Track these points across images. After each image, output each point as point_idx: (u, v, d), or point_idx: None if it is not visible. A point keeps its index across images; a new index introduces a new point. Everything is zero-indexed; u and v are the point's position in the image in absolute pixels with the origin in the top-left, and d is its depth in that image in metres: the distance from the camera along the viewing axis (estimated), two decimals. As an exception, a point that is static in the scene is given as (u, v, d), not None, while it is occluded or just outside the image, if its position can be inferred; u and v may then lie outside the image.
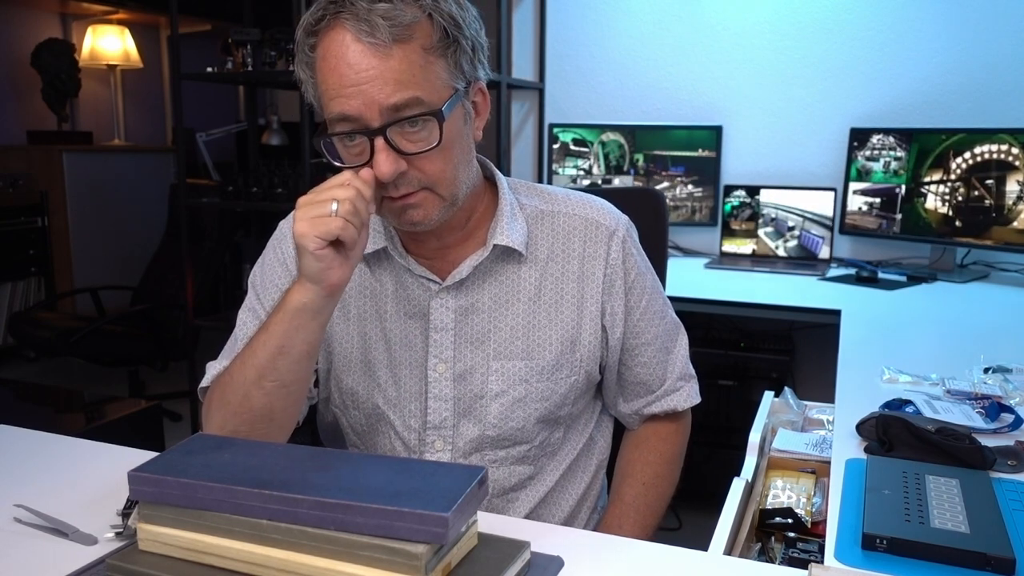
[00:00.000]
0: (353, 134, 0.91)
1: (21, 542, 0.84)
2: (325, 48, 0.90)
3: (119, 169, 4.69)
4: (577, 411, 1.13)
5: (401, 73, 0.88)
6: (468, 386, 1.05)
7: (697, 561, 0.82)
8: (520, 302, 1.05)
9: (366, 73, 0.87)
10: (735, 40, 2.89)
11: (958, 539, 0.79)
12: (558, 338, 1.06)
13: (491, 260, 1.05)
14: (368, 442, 1.12)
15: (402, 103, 0.88)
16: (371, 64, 0.87)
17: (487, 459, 1.07)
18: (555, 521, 1.12)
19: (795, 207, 2.76)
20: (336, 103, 0.89)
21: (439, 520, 0.66)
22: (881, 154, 2.64)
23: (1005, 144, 2.38)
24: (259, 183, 2.85)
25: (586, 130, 2.94)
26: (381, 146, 0.89)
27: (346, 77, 0.88)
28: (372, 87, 0.87)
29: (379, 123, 0.89)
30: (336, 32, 0.88)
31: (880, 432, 1.06)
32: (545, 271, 1.06)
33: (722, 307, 2.25)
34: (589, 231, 1.08)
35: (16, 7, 4.63)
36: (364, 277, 1.08)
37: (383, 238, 1.05)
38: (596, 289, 1.07)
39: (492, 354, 1.05)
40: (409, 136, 0.90)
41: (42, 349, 3.83)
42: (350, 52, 0.87)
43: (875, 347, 1.66)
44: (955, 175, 2.49)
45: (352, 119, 0.90)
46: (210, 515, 0.73)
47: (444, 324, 1.05)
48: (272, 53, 2.82)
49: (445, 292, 1.04)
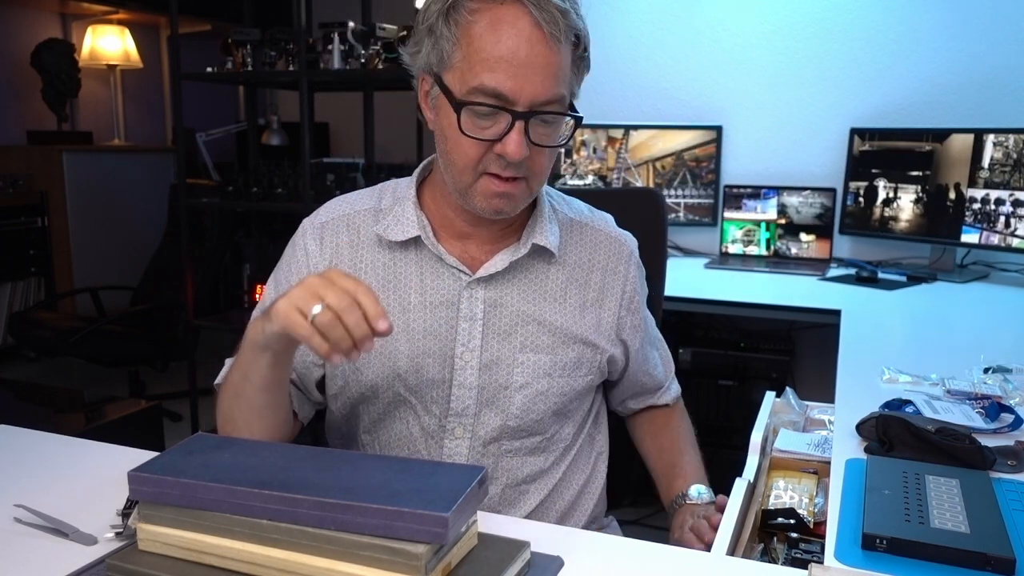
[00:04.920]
0: (498, 110, 0.93)
1: (21, 542, 0.84)
2: (497, 17, 0.91)
3: (119, 169, 4.69)
4: (584, 407, 1.17)
5: (561, 70, 0.94)
6: (493, 376, 1.07)
7: (697, 561, 0.82)
8: (546, 300, 1.09)
9: (536, 59, 0.91)
10: (735, 40, 2.89)
11: (958, 539, 0.79)
12: (580, 338, 1.10)
13: (525, 257, 1.08)
14: (382, 429, 1.11)
15: (552, 98, 0.94)
16: (541, 52, 0.91)
17: (503, 449, 1.09)
18: (559, 512, 1.14)
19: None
20: (492, 77, 0.91)
21: (439, 520, 0.66)
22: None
23: (1006, 144, 2.38)
24: (259, 183, 2.85)
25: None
26: (519, 128, 0.93)
27: (516, 55, 0.91)
28: (536, 74, 0.92)
29: (526, 108, 0.93)
30: (513, 8, 0.91)
31: (880, 432, 1.06)
32: (572, 275, 1.11)
33: (722, 307, 2.25)
34: (613, 248, 1.15)
35: (16, 7, 4.62)
36: (386, 270, 1.08)
37: (416, 227, 1.06)
38: (615, 303, 1.14)
39: (519, 347, 1.07)
40: (541, 129, 0.96)
41: (42, 349, 3.83)
42: (526, 32, 0.91)
43: (875, 347, 1.66)
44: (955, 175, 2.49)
45: (503, 97, 0.92)
46: (210, 515, 0.73)
47: (474, 314, 1.06)
48: (272, 53, 2.82)
49: (476, 283, 1.07)
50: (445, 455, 1.08)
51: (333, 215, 1.11)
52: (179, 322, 3.41)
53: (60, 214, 4.42)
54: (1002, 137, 2.39)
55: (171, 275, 3.65)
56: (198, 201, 3.27)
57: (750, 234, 2.83)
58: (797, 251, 2.78)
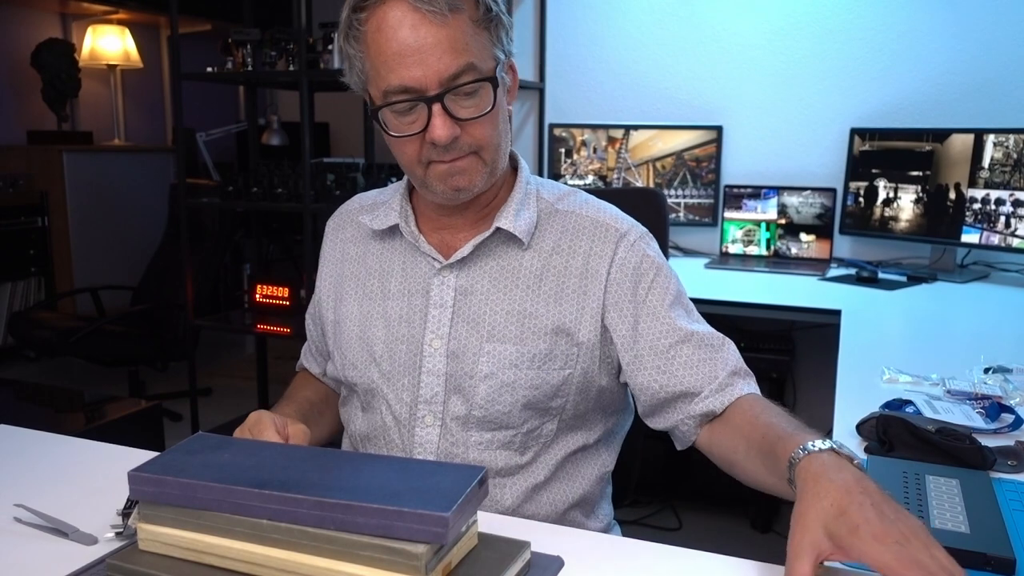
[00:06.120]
0: (413, 102, 0.94)
1: (21, 542, 0.84)
2: (380, 20, 0.94)
3: (119, 169, 4.69)
4: (576, 409, 1.10)
5: (456, 41, 0.93)
6: (460, 364, 1.06)
7: (697, 561, 0.82)
8: (518, 288, 1.07)
9: (425, 41, 0.92)
10: (735, 40, 2.89)
11: (958, 539, 0.79)
12: (552, 328, 1.05)
13: (495, 243, 1.07)
14: (367, 421, 1.14)
15: (459, 70, 0.93)
16: (429, 32, 0.92)
17: (473, 440, 1.07)
18: (545, 517, 1.10)
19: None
20: (395, 74, 0.94)
21: (439, 520, 0.66)
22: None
23: (1006, 144, 2.38)
24: (259, 183, 2.85)
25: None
26: (438, 111, 0.94)
27: (406, 46, 0.92)
28: (431, 55, 0.92)
29: (437, 91, 0.93)
30: (390, 5, 0.93)
31: (880, 432, 1.06)
32: (548, 262, 1.07)
33: (722, 307, 2.25)
34: (598, 232, 1.08)
35: (16, 7, 4.62)
36: (376, 260, 1.13)
37: (397, 215, 1.10)
38: (599, 287, 1.06)
39: (485, 336, 1.06)
40: (463, 103, 0.96)
41: (42, 349, 3.83)
42: (408, 21, 0.92)
43: (875, 347, 1.66)
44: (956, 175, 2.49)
45: (411, 89, 0.94)
46: (210, 515, 0.73)
47: (443, 301, 1.07)
48: (272, 53, 2.82)
49: (447, 270, 1.07)
50: (416, 444, 1.07)
51: (343, 210, 1.22)
52: (179, 322, 3.42)
53: (60, 214, 4.42)
54: (1002, 137, 2.39)
55: (171, 275, 3.65)
56: (198, 201, 3.27)
57: (750, 234, 2.83)
58: (797, 251, 2.78)
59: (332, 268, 1.19)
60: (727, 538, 2.53)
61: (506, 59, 1.01)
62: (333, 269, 1.19)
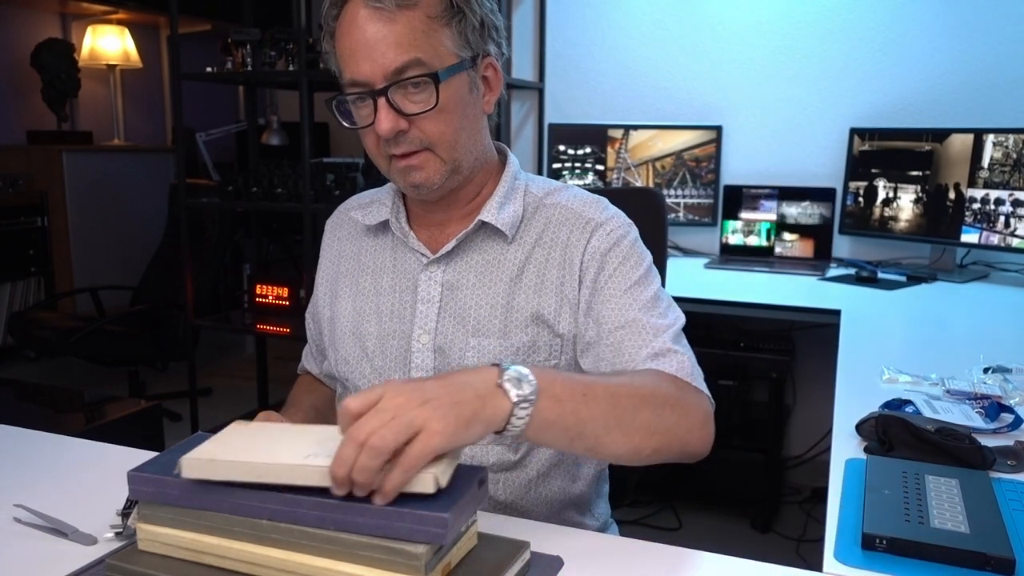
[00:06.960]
0: (363, 95, 0.97)
1: (21, 542, 0.84)
2: (343, 17, 0.97)
3: (119, 169, 4.69)
4: None
5: (403, 37, 0.94)
6: (446, 360, 1.07)
7: (697, 561, 0.82)
8: (501, 281, 1.07)
9: (372, 37, 0.94)
10: (735, 40, 2.89)
11: (958, 539, 0.79)
12: (533, 319, 1.05)
13: (480, 237, 1.08)
14: None
15: (403, 65, 0.94)
16: (377, 29, 0.94)
17: None
18: (540, 514, 1.10)
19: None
20: (348, 69, 0.97)
21: (439, 520, 0.66)
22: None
23: (1005, 144, 2.38)
24: (259, 183, 2.85)
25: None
26: (383, 104, 0.95)
27: (357, 41, 0.95)
28: (376, 51, 0.94)
29: (382, 84, 0.95)
30: (352, 3, 0.96)
31: (880, 432, 1.06)
32: (531, 255, 1.07)
33: (722, 307, 2.25)
34: (577, 223, 1.07)
35: (16, 7, 4.62)
36: (370, 256, 1.14)
37: (388, 211, 1.12)
38: (573, 277, 1.05)
39: (471, 331, 1.06)
40: (411, 97, 0.96)
41: (42, 349, 3.83)
42: (360, 18, 0.95)
43: (875, 347, 1.66)
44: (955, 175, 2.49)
45: (361, 83, 0.96)
46: (209, 515, 0.73)
47: (431, 297, 1.08)
48: (272, 53, 2.82)
49: (434, 265, 1.08)
50: None
51: (341, 209, 1.23)
52: (179, 322, 3.41)
53: (60, 214, 4.42)
54: (1002, 137, 2.39)
55: (171, 275, 3.65)
56: (198, 201, 3.27)
57: (750, 224, 2.83)
58: (797, 251, 2.78)
59: (329, 265, 1.20)
60: (727, 538, 2.53)
61: (483, 57, 1.01)
62: (330, 266, 1.20)
